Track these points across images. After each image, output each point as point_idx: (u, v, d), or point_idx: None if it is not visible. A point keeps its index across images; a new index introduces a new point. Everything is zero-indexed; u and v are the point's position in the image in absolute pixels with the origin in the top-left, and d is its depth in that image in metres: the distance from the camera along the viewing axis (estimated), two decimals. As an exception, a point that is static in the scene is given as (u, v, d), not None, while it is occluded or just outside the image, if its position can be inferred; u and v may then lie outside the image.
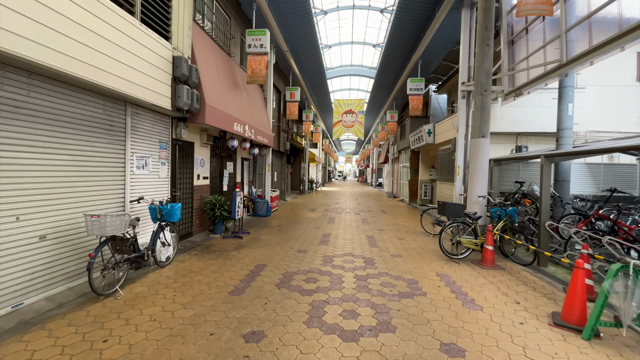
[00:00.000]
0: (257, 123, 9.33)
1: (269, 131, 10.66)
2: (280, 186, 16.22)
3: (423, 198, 15.02)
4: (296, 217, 10.49)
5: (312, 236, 7.52)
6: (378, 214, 11.70)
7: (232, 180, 9.44)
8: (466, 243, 5.66)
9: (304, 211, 12.14)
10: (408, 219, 10.58)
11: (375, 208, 13.80)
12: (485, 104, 6.57)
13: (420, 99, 12.50)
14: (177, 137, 6.23)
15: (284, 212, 11.67)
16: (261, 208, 10.41)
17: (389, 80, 17.36)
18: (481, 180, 6.54)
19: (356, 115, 18.36)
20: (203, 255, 5.68)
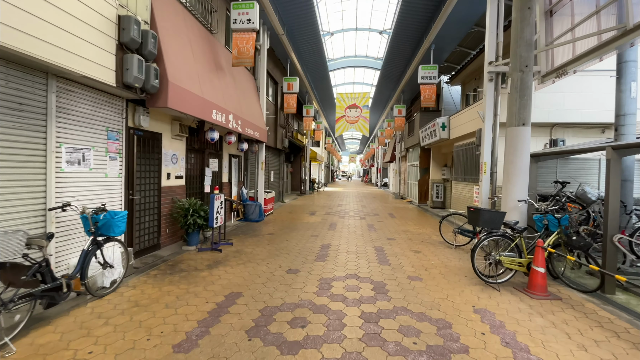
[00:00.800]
0: (246, 114, 8.03)
1: (261, 124, 9.35)
2: (279, 187, 14.92)
3: (435, 200, 13.61)
4: (292, 223, 9.16)
5: (308, 248, 6.19)
6: (386, 218, 10.33)
7: (217, 181, 8.14)
8: (508, 263, 4.28)
9: (302, 215, 10.81)
10: (421, 225, 9.20)
11: (382, 211, 12.42)
12: (526, 82, 5.20)
13: (433, 88, 11.11)
14: (136, 125, 4.94)
15: (280, 216, 10.35)
16: (252, 212, 9.11)
17: (397, 71, 15.97)
18: (521, 180, 5.16)
19: (360, 110, 16.99)
20: (163, 278, 4.37)
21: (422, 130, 13.64)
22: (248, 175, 9.81)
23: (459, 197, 10.29)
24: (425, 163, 15.55)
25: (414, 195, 16.82)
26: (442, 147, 13.47)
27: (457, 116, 10.35)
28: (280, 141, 13.98)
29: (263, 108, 9.82)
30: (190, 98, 5.19)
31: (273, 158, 13.89)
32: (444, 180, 13.81)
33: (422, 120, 14.94)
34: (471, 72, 12.62)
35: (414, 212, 12.30)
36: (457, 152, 10.72)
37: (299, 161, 20.55)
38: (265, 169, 12.10)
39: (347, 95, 17.02)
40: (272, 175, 13.63)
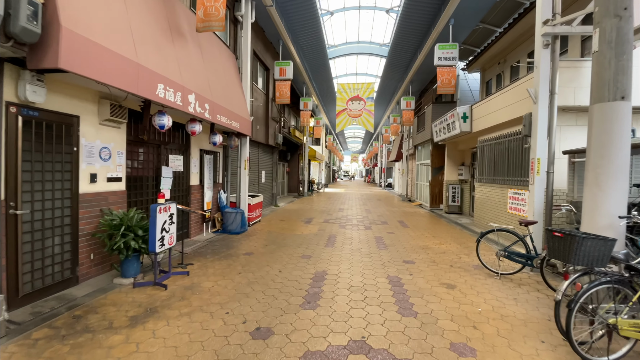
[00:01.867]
0: (219, 98, 6.25)
1: (243, 113, 7.57)
2: (272, 189, 13.14)
3: (450, 204, 11.78)
4: (282, 235, 7.37)
5: (295, 280, 4.39)
6: (397, 228, 8.51)
7: (182, 184, 6.37)
8: (630, 330, 2.47)
9: (296, 223, 9.02)
10: (441, 237, 7.38)
11: (390, 217, 10.60)
12: (625, 34, 3.38)
13: (452, 71, 9.29)
14: (22, 100, 3.17)
15: (268, 226, 8.56)
16: (232, 222, 7.33)
17: (405, 57, 14.14)
18: (619, 185, 3.36)
19: (364, 102, 15.17)
20: (43, 350, 2.59)
21: (436, 124, 11.81)
22: (228, 176, 8.03)
23: (486, 202, 8.48)
24: (438, 162, 13.71)
25: (424, 197, 14.99)
26: (460, 143, 11.64)
27: (484, 104, 8.51)
28: (272, 136, 12.20)
29: (247, 94, 8.03)
30: (111, 60, 3.41)
31: (264, 156, 12.11)
32: (461, 181, 11.97)
33: (434, 112, 13.10)
34: (495, 55, 10.78)
35: (427, 219, 10.47)
36: (482, 147, 8.88)
37: (297, 160, 18.77)
38: (251, 169, 10.31)
39: (350, 86, 15.21)
40: (262, 176, 11.85)
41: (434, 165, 13.74)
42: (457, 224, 9.60)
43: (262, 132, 11.08)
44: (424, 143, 14.93)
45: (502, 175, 7.59)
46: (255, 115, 10.27)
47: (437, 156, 13.73)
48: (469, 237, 7.62)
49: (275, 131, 12.48)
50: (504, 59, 10.55)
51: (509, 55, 10.28)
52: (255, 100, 10.30)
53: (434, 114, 13.11)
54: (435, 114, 13.06)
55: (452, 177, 12.20)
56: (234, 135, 7.44)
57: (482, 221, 8.61)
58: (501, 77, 10.79)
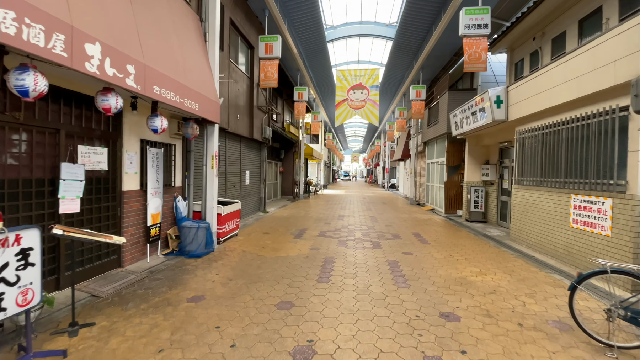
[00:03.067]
0: (162, 63, 4.26)
1: (209, 93, 5.56)
2: (259, 192, 11.13)
3: (472, 210, 9.77)
4: (258, 260, 5.37)
5: (255, 369, 2.39)
6: (414, 245, 6.51)
7: (110, 189, 4.36)
8: None
9: (282, 238, 7.02)
10: (476, 260, 5.38)
11: (401, 227, 8.59)
12: None
13: (482, 43, 7.29)
14: None
15: (245, 243, 6.56)
16: (193, 240, 5.34)
17: (416, 37, 12.15)
18: None
19: (368, 91, 13.18)
20: None
21: (455, 114, 9.80)
22: (190, 178, 6.01)
23: (530, 211, 6.46)
24: (456, 159, 11.71)
25: (437, 201, 12.99)
26: (485, 137, 9.62)
27: (527, 83, 6.50)
28: (258, 129, 10.19)
29: (214, 68, 6.02)
30: None
31: (248, 153, 10.10)
32: (485, 182, 9.97)
33: (451, 102, 11.11)
34: (529, 28, 8.76)
35: (447, 230, 8.46)
36: (523, 139, 6.87)
37: (291, 159, 16.76)
38: (231, 168, 8.29)
39: (351, 73, 13.21)
40: (247, 177, 9.85)
41: (449, 164, 11.74)
42: (487, 237, 7.59)
43: (244, 123, 9.07)
44: (437, 138, 12.92)
45: (559, 176, 5.57)
46: (234, 102, 8.27)
47: (453, 153, 11.73)
48: (514, 259, 5.61)
49: (262, 123, 10.48)
50: (541, 32, 8.53)
51: (549, 26, 8.27)
52: (235, 82, 8.30)
53: (450, 104, 11.11)
54: (451, 104, 11.07)
55: (474, 177, 10.19)
56: (193, 121, 5.42)
57: (523, 235, 6.60)
58: (538, 55, 8.77)
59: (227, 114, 7.71)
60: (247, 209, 9.83)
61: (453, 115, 9.96)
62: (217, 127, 6.13)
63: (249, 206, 10.01)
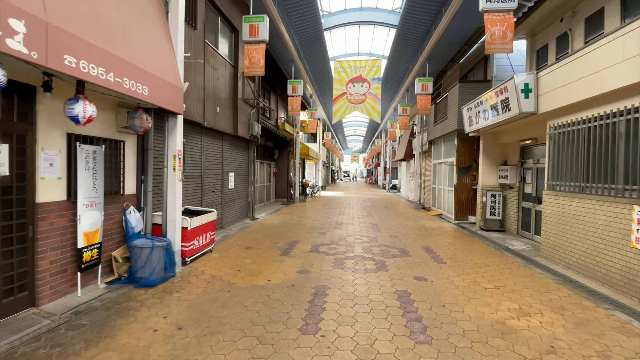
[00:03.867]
0: (83, 28, 3.04)
1: (167, 75, 4.35)
2: (247, 196, 9.91)
3: (489, 217, 8.55)
4: (226, 292, 4.16)
5: None
6: (427, 266, 5.29)
7: (15, 202, 3.14)
8: None
9: (266, 255, 5.80)
10: (510, 288, 4.17)
11: (408, 239, 7.37)
12: None
13: (508, 20, 6.07)
14: None
15: (218, 263, 5.34)
16: (146, 263, 4.15)
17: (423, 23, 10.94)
18: None
19: (368, 84, 11.96)
20: None
21: (469, 108, 8.58)
22: (148, 183, 4.79)
23: (569, 223, 5.23)
24: (467, 160, 10.50)
25: (445, 206, 11.77)
26: (504, 133, 8.40)
27: (564, 67, 5.28)
28: (245, 125, 8.97)
29: (177, 45, 4.80)
30: None
31: (233, 152, 8.88)
32: (503, 186, 8.75)
33: (463, 94, 9.89)
34: (555, 8, 7.54)
35: (463, 243, 7.24)
36: (558, 136, 5.65)
37: (286, 159, 15.54)
38: (210, 169, 7.04)
39: (350, 64, 11.98)
40: (231, 179, 8.62)
41: (460, 165, 10.53)
42: (511, 252, 6.38)
43: (226, 117, 7.85)
44: (445, 136, 11.70)
45: (614, 182, 4.35)
46: (212, 92, 7.05)
47: (464, 152, 10.52)
48: (556, 286, 4.39)
49: (250, 119, 9.25)
50: (571, 12, 7.31)
51: (582, 4, 7.06)
52: (213, 69, 7.08)
53: (462, 97, 9.89)
54: (463, 97, 9.85)
55: (490, 180, 8.97)
56: (142, 110, 4.19)
57: (559, 253, 5.38)
58: (567, 38, 7.55)
59: (201, 105, 6.48)
60: (230, 216, 8.61)
61: (466, 110, 8.74)
62: (181, 119, 4.90)
63: (233, 213, 8.79)
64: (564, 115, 5.53)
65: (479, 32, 10.32)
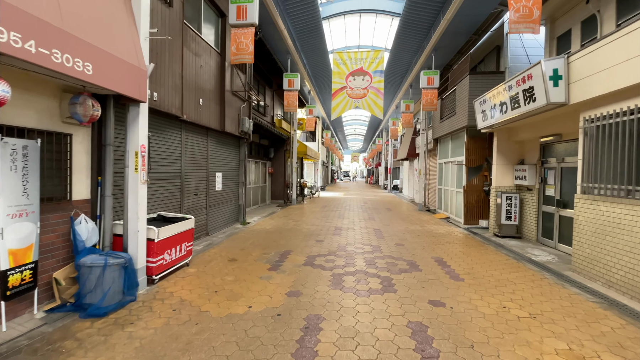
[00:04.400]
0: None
1: (124, 53, 3.50)
2: (237, 199, 9.07)
3: (504, 222, 7.72)
4: (193, 325, 3.31)
5: None
6: (442, 284, 4.45)
7: None
8: None
9: (251, 271, 4.96)
10: (549, 316, 3.34)
11: (416, 248, 6.53)
12: None
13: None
14: None
15: (190, 282, 4.50)
16: (95, 287, 3.26)
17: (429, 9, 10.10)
18: None
19: (370, 77, 11.12)
20: None
21: (482, 102, 7.74)
22: (106, 186, 3.94)
23: (613, 234, 4.37)
24: (477, 159, 9.66)
25: (453, 209, 10.92)
26: (522, 129, 7.54)
27: (604, 48, 4.44)
28: (234, 121, 8.13)
29: (139, 18, 3.94)
30: None
31: (220, 150, 8.03)
32: (520, 188, 7.91)
33: (474, 87, 9.05)
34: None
35: (479, 254, 6.39)
36: (598, 130, 4.80)
37: (282, 158, 14.70)
38: (192, 168, 6.16)
39: (350, 56, 11.14)
40: (217, 180, 7.78)
41: (470, 164, 9.68)
42: (535, 264, 5.53)
43: (211, 111, 7.01)
44: (453, 133, 10.85)
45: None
46: (193, 81, 6.21)
47: (474, 151, 9.67)
48: (603, 313, 3.54)
49: (240, 114, 8.40)
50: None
51: (612, -18, 6.21)
52: (195, 56, 6.23)
53: (472, 90, 9.05)
54: (474, 90, 9.01)
55: (505, 181, 8.13)
56: (88, 95, 3.34)
57: (598, 268, 4.54)
58: (595, 22, 6.70)
59: (179, 95, 5.63)
60: (217, 221, 7.78)
61: (479, 103, 7.89)
62: (145, 108, 4.05)
63: (220, 218, 7.95)
64: (603, 105, 4.68)
65: (492, 18, 9.49)
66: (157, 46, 4.97)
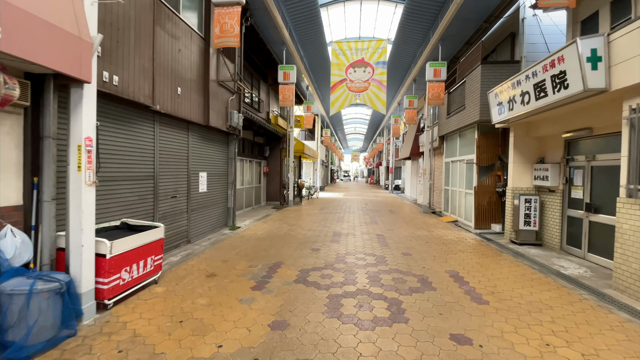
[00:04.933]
0: None
1: (55, 17, 2.68)
2: (227, 201, 8.25)
3: (522, 228, 6.90)
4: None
5: None
6: (465, 313, 3.63)
7: None
8: None
9: (230, 290, 4.15)
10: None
11: (427, 260, 5.70)
12: None
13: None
14: None
15: (153, 307, 3.68)
16: (18, 321, 2.37)
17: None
18: None
19: (372, 69, 10.30)
20: None
21: (499, 93, 6.90)
22: (43, 188, 3.14)
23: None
24: (489, 157, 8.83)
25: (461, 211, 10.09)
26: (544, 123, 6.71)
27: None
28: (221, 115, 7.31)
29: (85, -24, 3.12)
30: None
31: (205, 147, 7.22)
32: (540, 189, 7.10)
33: (486, 77, 8.22)
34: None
35: (499, 266, 5.57)
36: None
37: (279, 157, 13.89)
38: (167, 167, 5.31)
39: (350, 46, 10.31)
40: (201, 181, 6.96)
41: (481, 163, 8.86)
42: (569, 280, 4.70)
43: (193, 102, 6.19)
44: (462, 130, 10.03)
45: None
46: (170, 66, 5.39)
47: (486, 148, 8.85)
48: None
49: (228, 107, 7.58)
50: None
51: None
52: (173, 39, 5.41)
53: (485, 82, 8.22)
54: (486, 81, 8.19)
55: (522, 181, 7.31)
56: (2, 69, 2.53)
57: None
58: (627, 2, 5.86)
59: (149, 81, 4.81)
60: (201, 227, 6.96)
61: (494, 95, 7.06)
62: (92, 91, 3.23)
63: (205, 223, 7.14)
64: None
65: (505, 4, 8.66)
66: (119, 20, 4.15)
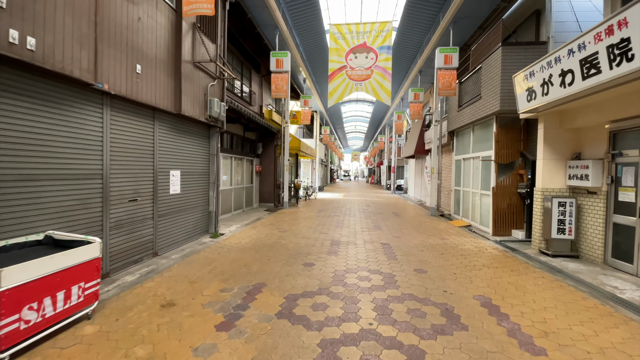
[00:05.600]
0: None
1: None
2: (208, 204, 7.14)
3: (556, 237, 5.80)
4: None
5: None
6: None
7: None
8: None
9: (187, 329, 3.05)
10: None
11: (447, 279, 4.59)
12: None
13: None
14: None
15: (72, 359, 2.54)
16: None
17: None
18: None
19: (375, 55, 9.19)
20: None
21: (529, 75, 5.78)
22: None
23: None
24: (510, 153, 7.73)
25: (476, 215, 8.97)
26: (582, 111, 5.60)
27: None
28: (199, 103, 6.20)
29: None
30: None
31: (179, 140, 6.11)
32: (575, 190, 6.00)
33: (508, 61, 7.12)
34: None
35: (537, 286, 4.46)
36: None
37: (273, 154, 12.78)
38: (122, 164, 4.17)
39: (351, 29, 9.19)
40: (173, 181, 5.85)
41: (500, 160, 7.76)
42: (633, 308, 3.59)
43: (158, 85, 5.08)
44: (476, 123, 8.91)
45: None
46: (127, 39, 4.29)
47: (506, 144, 7.75)
48: None
49: (207, 93, 6.47)
50: None
51: None
52: (131, 3, 4.30)
53: (506, 66, 7.12)
54: (508, 66, 7.08)
55: (554, 182, 6.19)
56: None
57: None
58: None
59: (89, 50, 3.70)
60: (173, 235, 5.86)
61: (524, 77, 5.94)
62: None
63: (179, 230, 6.04)
64: None
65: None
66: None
